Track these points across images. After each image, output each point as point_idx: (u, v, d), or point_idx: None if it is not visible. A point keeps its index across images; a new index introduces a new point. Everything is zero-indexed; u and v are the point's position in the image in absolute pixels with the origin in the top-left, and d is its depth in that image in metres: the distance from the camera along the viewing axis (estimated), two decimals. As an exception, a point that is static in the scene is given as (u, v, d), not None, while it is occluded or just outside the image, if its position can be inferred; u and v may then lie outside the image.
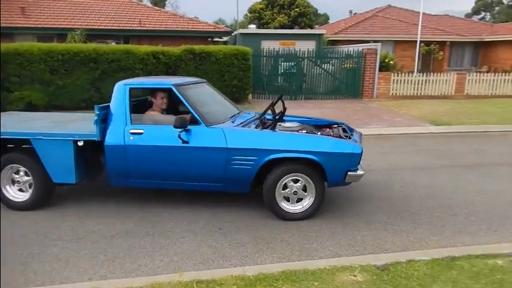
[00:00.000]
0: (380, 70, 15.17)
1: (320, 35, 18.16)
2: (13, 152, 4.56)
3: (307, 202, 4.34)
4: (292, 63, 14.82)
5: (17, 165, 4.49)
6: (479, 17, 54.80)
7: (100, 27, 16.10)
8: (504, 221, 4.34)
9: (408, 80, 15.41)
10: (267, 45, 15.18)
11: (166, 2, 48.71)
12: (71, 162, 4.35)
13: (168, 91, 4.70)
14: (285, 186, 4.30)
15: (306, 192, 4.32)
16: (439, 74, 15.99)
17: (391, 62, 16.24)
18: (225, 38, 21.41)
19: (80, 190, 5.14)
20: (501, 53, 23.75)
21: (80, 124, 4.93)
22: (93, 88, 11.55)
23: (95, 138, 4.30)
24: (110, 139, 4.34)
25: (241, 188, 4.42)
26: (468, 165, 6.55)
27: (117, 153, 4.34)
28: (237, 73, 12.61)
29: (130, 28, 16.50)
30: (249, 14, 33.18)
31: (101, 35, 15.85)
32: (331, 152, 4.21)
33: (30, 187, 4.53)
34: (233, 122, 4.67)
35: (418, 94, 15.35)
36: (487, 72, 18.99)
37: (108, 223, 4.23)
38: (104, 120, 4.40)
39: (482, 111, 12.16)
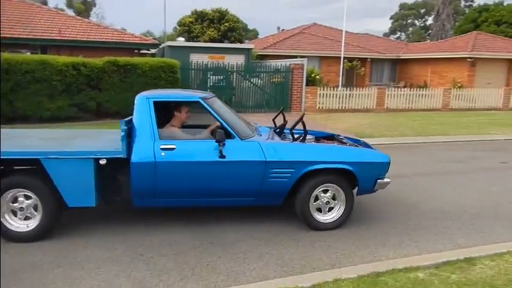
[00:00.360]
0: (307, 84, 15.61)
1: (249, 49, 18.34)
2: (13, 176, 3.97)
3: (337, 211, 4.46)
4: (222, 77, 14.77)
5: (20, 189, 3.92)
6: (396, 36, 59.21)
7: (14, 35, 14.89)
8: (423, 231, 4.50)
9: (333, 94, 16.02)
10: (196, 59, 15.01)
11: (92, 13, 46.83)
12: (91, 183, 3.91)
13: (193, 105, 4.55)
14: (316, 197, 4.39)
15: (335, 201, 4.45)
16: (361, 88, 16.81)
17: (317, 77, 16.81)
18: (153, 50, 20.92)
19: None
20: (415, 70, 25.68)
21: (83, 141, 4.57)
22: (5, 101, 10.58)
23: (120, 156, 3.92)
24: (138, 156, 3.98)
25: (274, 201, 4.43)
26: (389, 176, 6.80)
27: (146, 171, 3.99)
28: (165, 86, 12.26)
29: (49, 38, 15.43)
30: (178, 27, 32.78)
31: (15, 44, 14.64)
32: (364, 161, 4.47)
33: (33, 215, 4.00)
34: (260, 135, 4.63)
35: (343, 108, 15.99)
36: (404, 87, 20.36)
37: (11, 254, 3.74)
38: (127, 136, 4.05)
39: (400, 123, 12.92)
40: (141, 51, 19.02)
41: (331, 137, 5.45)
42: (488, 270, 3.51)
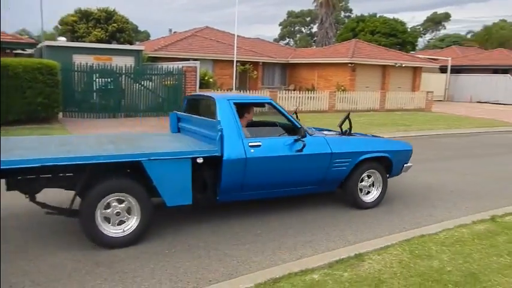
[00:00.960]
0: (200, 87, 15.41)
1: (139, 51, 17.55)
2: (109, 180, 3.89)
3: (375, 193, 5.43)
4: (109, 79, 13.86)
5: (117, 194, 3.90)
6: (285, 42, 62.17)
7: None
8: (316, 230, 4.61)
9: (228, 98, 16.05)
10: (80, 60, 13.90)
11: (-47, 6, 40.91)
12: (188, 182, 4.13)
13: (262, 105, 5.57)
14: (361, 181, 5.29)
15: (374, 183, 5.43)
16: (254, 91, 17.16)
17: (211, 80, 16.73)
18: (30, 51, 18.95)
19: None
20: (304, 74, 27.09)
21: (145, 142, 4.77)
22: None
23: (216, 154, 4.24)
24: (231, 154, 4.30)
25: (331, 187, 5.29)
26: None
27: (238, 167, 4.36)
28: (43, 89, 11.09)
29: None
30: (60, 26, 30.20)
31: None
32: (397, 150, 5.52)
33: (129, 218, 4.02)
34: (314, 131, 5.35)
35: (237, 111, 16.13)
36: (294, 90, 21.30)
37: None
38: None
39: (292, 125, 13.38)
40: (15, 52, 17.10)
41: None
42: (376, 264, 3.68)
